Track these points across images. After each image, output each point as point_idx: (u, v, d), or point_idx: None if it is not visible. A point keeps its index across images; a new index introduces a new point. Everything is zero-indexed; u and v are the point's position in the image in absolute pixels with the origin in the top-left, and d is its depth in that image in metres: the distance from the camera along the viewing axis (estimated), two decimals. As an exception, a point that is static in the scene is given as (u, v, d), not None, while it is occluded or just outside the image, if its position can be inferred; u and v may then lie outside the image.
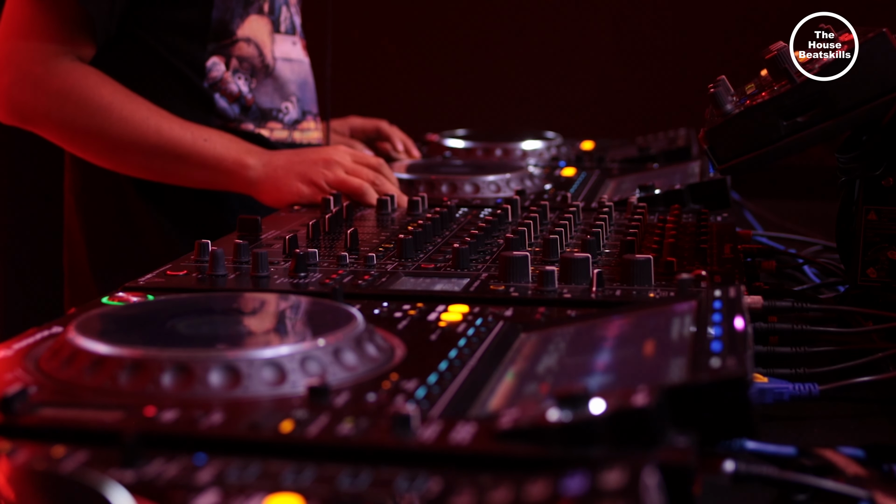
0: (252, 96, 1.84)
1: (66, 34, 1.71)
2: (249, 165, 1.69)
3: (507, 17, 3.48)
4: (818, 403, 1.05)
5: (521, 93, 3.46)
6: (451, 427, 0.69)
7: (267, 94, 1.87)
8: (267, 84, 1.86)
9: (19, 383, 0.80)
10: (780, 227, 1.97)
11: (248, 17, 1.83)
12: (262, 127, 1.86)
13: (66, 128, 1.73)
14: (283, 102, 1.89)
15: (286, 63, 1.90)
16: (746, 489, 0.78)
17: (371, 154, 2.04)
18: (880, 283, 1.27)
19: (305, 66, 1.98)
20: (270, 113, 1.87)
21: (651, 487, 0.58)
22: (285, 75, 1.89)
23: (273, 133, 1.88)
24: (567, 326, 0.95)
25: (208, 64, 1.80)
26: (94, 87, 1.70)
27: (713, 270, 1.18)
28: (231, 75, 1.81)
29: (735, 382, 0.71)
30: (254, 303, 1.00)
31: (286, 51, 1.90)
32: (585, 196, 1.77)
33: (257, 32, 1.84)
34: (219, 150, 1.70)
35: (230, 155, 1.70)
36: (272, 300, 1.00)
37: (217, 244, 1.26)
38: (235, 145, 1.72)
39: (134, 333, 0.93)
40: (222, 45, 1.81)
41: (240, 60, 1.82)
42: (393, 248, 1.31)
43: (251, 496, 0.61)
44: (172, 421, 0.73)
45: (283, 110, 1.89)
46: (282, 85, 1.89)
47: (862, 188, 1.28)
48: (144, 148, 1.70)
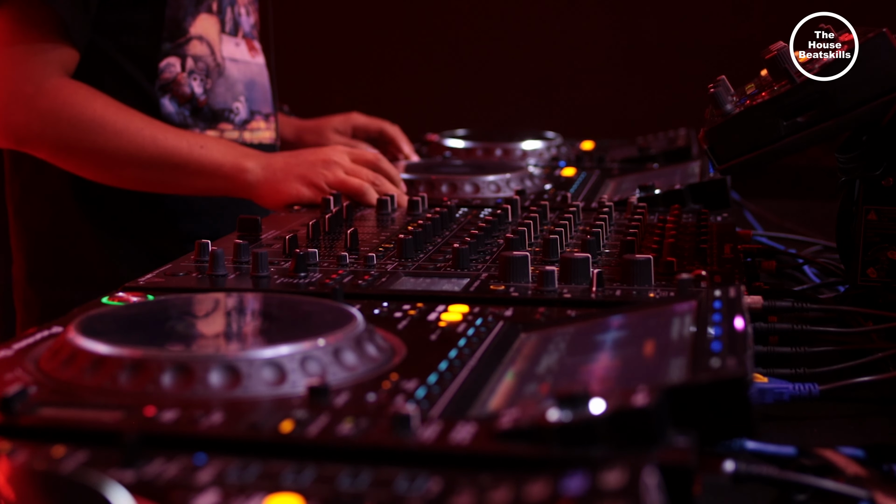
0: (206, 97, 1.83)
1: (48, 45, 1.69)
2: (248, 169, 1.68)
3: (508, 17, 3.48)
4: (818, 403, 1.05)
5: (521, 93, 3.46)
6: (451, 427, 0.69)
7: (220, 95, 1.86)
8: (219, 84, 1.86)
9: (19, 383, 0.80)
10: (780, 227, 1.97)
11: (199, 14, 1.82)
12: (213, 128, 1.85)
13: (61, 147, 1.71)
14: (233, 103, 1.88)
15: (233, 63, 1.89)
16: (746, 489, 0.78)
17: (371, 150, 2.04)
18: (880, 283, 1.27)
19: (253, 66, 1.95)
20: (222, 114, 1.86)
21: (651, 487, 0.58)
22: (234, 75, 1.88)
23: (224, 134, 1.87)
24: (567, 326, 0.95)
25: (162, 65, 1.79)
26: (86, 103, 1.68)
27: (713, 270, 1.18)
28: (186, 76, 1.80)
29: (735, 382, 0.71)
30: (253, 303, 1.00)
31: (231, 51, 1.89)
32: (585, 196, 1.77)
33: (208, 31, 1.84)
34: (216, 155, 1.69)
35: (228, 160, 1.69)
36: (272, 300, 1.00)
37: (217, 244, 1.26)
38: (232, 150, 1.72)
39: (134, 333, 0.93)
40: (177, 45, 1.79)
41: (195, 60, 1.81)
42: (393, 248, 1.31)
43: (251, 496, 0.61)
44: (172, 421, 0.73)
45: (233, 110, 1.88)
46: (232, 85, 1.88)
47: (862, 188, 1.28)
48: (141, 160, 1.69)
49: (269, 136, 1.98)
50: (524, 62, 3.47)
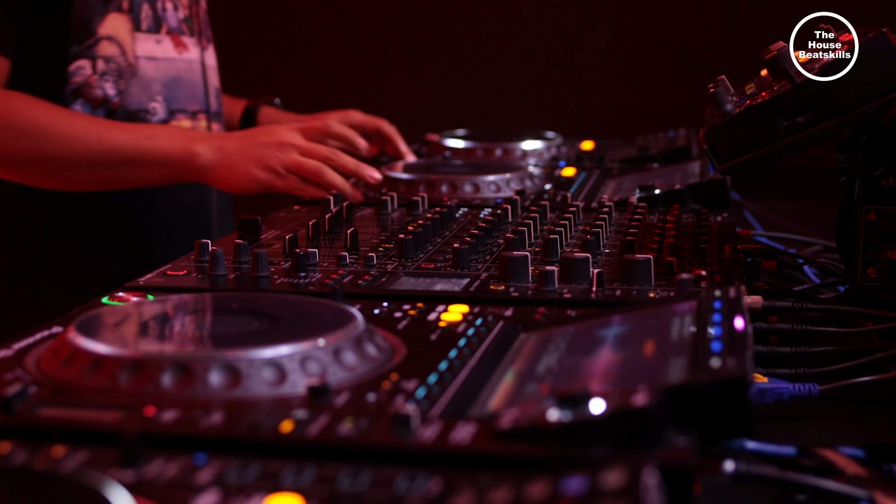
0: (119, 99, 1.79)
1: None
2: (198, 153, 1.66)
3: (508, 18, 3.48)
4: (818, 403, 1.05)
5: (521, 93, 3.47)
6: (451, 427, 0.69)
7: (134, 96, 1.81)
8: (133, 85, 1.81)
9: (19, 383, 0.80)
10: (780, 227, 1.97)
11: (107, 14, 1.77)
12: None
13: (8, 159, 1.68)
14: (149, 103, 1.83)
15: (150, 62, 1.83)
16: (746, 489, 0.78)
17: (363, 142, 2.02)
18: (880, 283, 1.27)
19: (179, 62, 1.89)
20: (137, 115, 1.82)
21: (651, 487, 0.58)
22: (149, 74, 1.83)
23: None
24: (567, 326, 0.95)
25: (71, 68, 1.75)
26: (25, 111, 1.66)
27: (713, 270, 1.18)
28: (98, 79, 1.76)
29: (735, 382, 0.71)
30: (254, 303, 1.00)
31: (148, 49, 1.83)
32: (585, 196, 1.77)
33: (118, 30, 1.79)
34: (165, 144, 1.67)
35: (177, 146, 1.66)
36: (272, 300, 1.00)
37: (217, 244, 1.26)
38: (181, 135, 1.69)
39: (134, 333, 0.93)
40: (86, 46, 1.75)
41: (106, 61, 1.77)
42: (393, 248, 1.31)
43: (251, 496, 0.61)
44: (172, 421, 0.73)
45: (150, 111, 1.83)
46: (147, 84, 1.83)
47: (862, 188, 1.28)
48: (90, 161, 1.67)
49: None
50: (524, 62, 3.47)
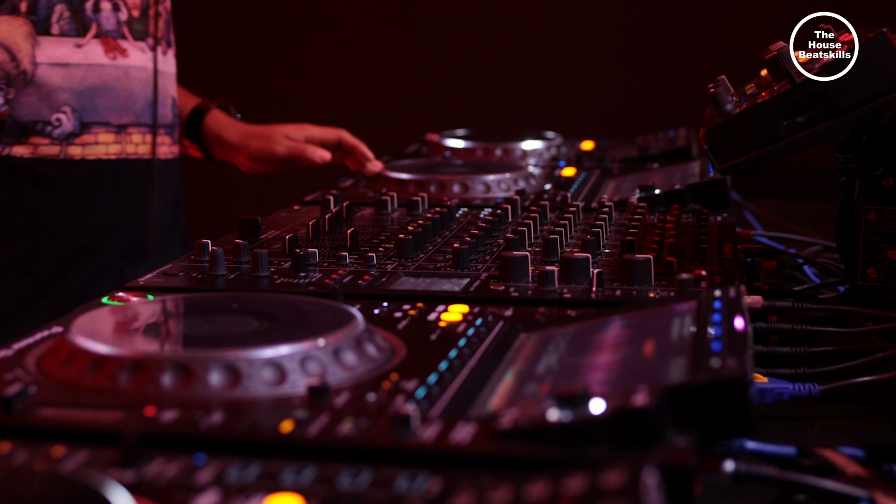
0: (8, 108, 1.67)
1: None
2: None
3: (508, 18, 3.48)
4: (818, 403, 1.05)
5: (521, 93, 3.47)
6: (451, 427, 0.69)
7: (30, 106, 1.68)
8: (28, 94, 1.68)
9: (19, 383, 0.80)
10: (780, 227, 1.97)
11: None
12: (23, 143, 1.69)
13: None
14: (52, 114, 1.70)
15: (57, 69, 1.69)
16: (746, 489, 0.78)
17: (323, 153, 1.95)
18: (880, 283, 1.27)
19: (109, 69, 1.76)
20: (35, 126, 1.69)
21: (651, 487, 0.58)
22: (53, 83, 1.69)
23: (38, 149, 1.70)
24: (567, 326, 0.95)
25: None
26: None
27: (713, 270, 1.18)
28: None
29: (735, 382, 0.71)
30: (253, 303, 1.00)
31: (60, 55, 1.70)
32: (585, 196, 1.77)
33: (8, 35, 1.65)
34: None
35: None
36: (272, 300, 1.00)
37: (217, 244, 1.26)
38: None
39: (134, 333, 0.93)
40: None
41: None
42: (393, 248, 1.31)
43: (251, 496, 0.61)
44: (172, 421, 0.73)
45: (52, 123, 1.69)
46: (49, 94, 1.69)
47: (862, 188, 1.28)
48: None
49: (117, 151, 1.78)
50: (524, 62, 3.47)
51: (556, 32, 3.43)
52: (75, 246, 1.74)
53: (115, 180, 1.78)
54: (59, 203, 1.73)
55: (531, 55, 3.46)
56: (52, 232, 1.73)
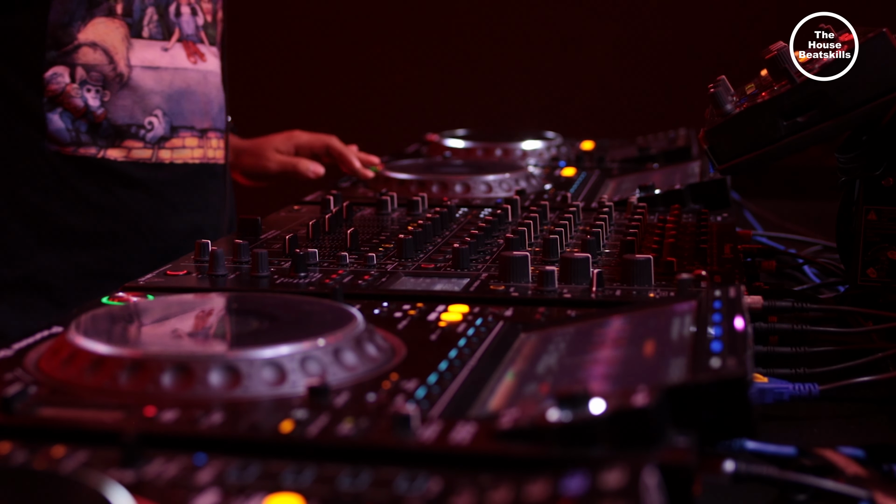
0: (104, 110, 1.66)
1: None
2: None
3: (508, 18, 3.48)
4: (818, 403, 1.05)
5: (521, 93, 3.47)
6: (451, 427, 0.69)
7: (124, 109, 1.68)
8: (124, 96, 1.68)
9: (19, 383, 0.80)
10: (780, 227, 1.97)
11: (92, 19, 1.65)
12: (117, 146, 1.69)
13: None
14: (145, 117, 1.70)
15: (149, 72, 1.70)
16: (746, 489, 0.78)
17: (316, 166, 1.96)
18: (880, 283, 1.27)
19: (191, 73, 1.76)
20: (129, 130, 1.69)
21: (651, 487, 0.58)
22: (147, 85, 1.70)
23: (132, 153, 1.70)
24: (567, 326, 0.95)
25: (47, 75, 1.63)
26: None
27: (713, 270, 1.18)
28: (77, 88, 1.64)
29: (735, 382, 0.71)
30: (253, 303, 1.00)
31: (151, 58, 1.70)
32: (585, 196, 1.77)
33: (105, 37, 1.65)
34: None
35: None
36: (272, 300, 1.00)
37: (217, 244, 1.26)
38: None
39: (134, 333, 0.93)
40: (64, 53, 1.63)
41: (86, 69, 1.65)
42: (393, 248, 1.31)
43: (251, 496, 0.61)
44: (172, 421, 0.73)
45: (145, 126, 1.70)
46: (142, 97, 1.69)
47: (862, 188, 1.28)
48: None
49: (200, 155, 1.79)
50: (524, 62, 3.47)
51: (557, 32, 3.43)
52: (161, 249, 1.73)
53: (197, 185, 1.79)
54: (149, 206, 1.73)
55: (531, 55, 3.46)
56: (141, 235, 1.73)
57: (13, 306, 1.66)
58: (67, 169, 1.66)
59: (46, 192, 1.66)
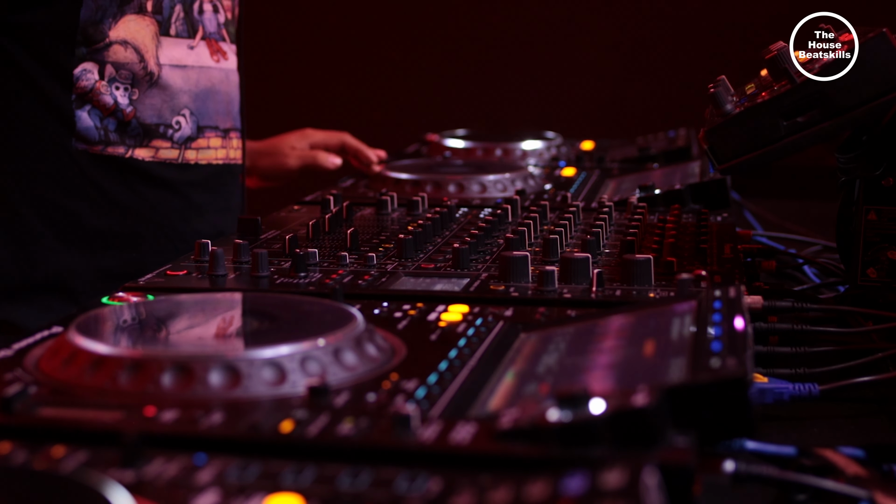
0: (133, 109, 1.64)
1: None
2: None
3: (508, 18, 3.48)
4: (818, 403, 1.05)
5: (521, 93, 3.47)
6: (451, 427, 0.69)
7: (153, 108, 1.66)
8: (153, 95, 1.66)
9: (19, 383, 0.80)
10: (780, 227, 1.97)
11: (123, 17, 1.62)
12: (145, 146, 1.66)
13: None
14: (173, 117, 1.68)
15: (177, 70, 1.68)
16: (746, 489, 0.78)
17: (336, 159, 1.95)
18: (880, 283, 1.27)
19: (215, 72, 1.75)
20: (157, 129, 1.67)
21: (651, 487, 0.58)
22: (175, 84, 1.68)
23: (159, 153, 1.68)
24: (567, 326, 0.95)
25: (76, 72, 1.61)
26: None
27: (713, 270, 1.18)
28: (106, 85, 1.62)
29: (735, 382, 0.71)
30: (253, 303, 1.00)
31: (178, 56, 1.69)
32: (585, 196, 1.77)
33: (136, 34, 1.63)
34: None
35: None
36: (272, 300, 1.00)
37: (217, 244, 1.26)
38: None
39: (134, 333, 0.93)
40: (94, 50, 1.61)
41: (116, 67, 1.62)
42: (393, 248, 1.31)
43: (251, 496, 0.61)
44: (172, 421, 0.73)
45: (173, 126, 1.68)
46: (172, 96, 1.68)
47: (862, 188, 1.28)
48: None
49: (223, 156, 1.78)
50: (524, 62, 3.47)
51: (557, 32, 3.43)
52: (184, 251, 1.65)
53: (220, 185, 1.78)
54: (174, 208, 1.71)
55: (531, 55, 3.46)
56: (166, 237, 1.71)
57: (36, 307, 1.64)
58: (94, 168, 1.64)
59: (72, 193, 1.64)
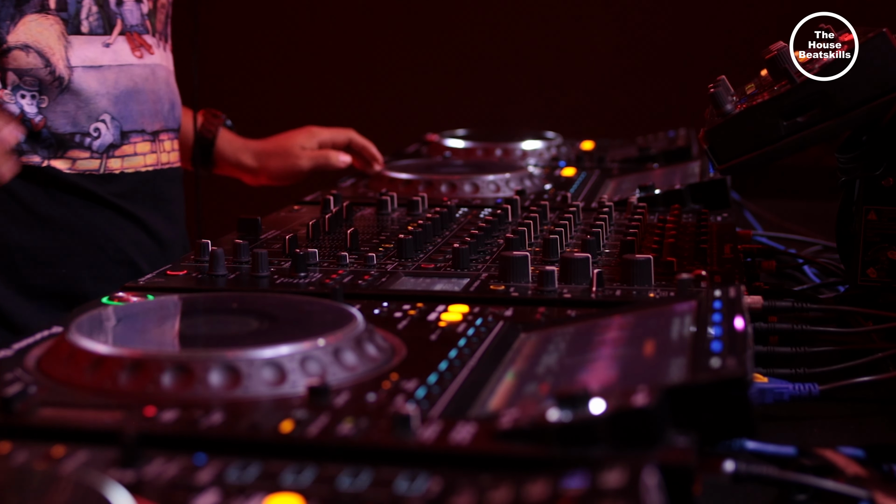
0: (42, 118, 1.50)
1: None
2: None
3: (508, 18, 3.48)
4: (818, 403, 1.05)
5: (521, 93, 3.47)
6: (451, 427, 0.69)
7: (66, 115, 1.52)
8: (65, 102, 1.52)
9: (19, 383, 0.80)
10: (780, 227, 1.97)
11: (22, 17, 1.48)
12: (61, 157, 1.53)
13: None
14: (91, 124, 1.54)
15: (91, 72, 1.54)
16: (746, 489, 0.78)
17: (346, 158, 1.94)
18: (880, 283, 1.27)
19: (137, 69, 1.61)
20: (72, 139, 1.53)
21: (651, 487, 0.58)
22: (90, 88, 1.54)
23: (77, 164, 1.55)
24: (567, 326, 0.95)
25: None
26: None
27: (713, 270, 1.18)
28: (10, 93, 1.48)
29: (735, 382, 0.71)
30: (254, 303, 1.00)
31: (92, 56, 1.54)
32: (585, 196, 1.77)
33: (39, 37, 1.49)
34: None
35: None
36: (272, 300, 1.00)
37: (217, 244, 1.26)
38: None
39: (134, 333, 0.93)
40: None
41: (18, 74, 1.49)
42: (393, 248, 1.31)
43: (251, 496, 0.61)
44: (172, 421, 0.73)
45: (91, 134, 1.54)
46: (87, 101, 1.54)
47: (862, 188, 1.28)
48: None
49: (153, 161, 1.66)
50: (524, 62, 3.47)
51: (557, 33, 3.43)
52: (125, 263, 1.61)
53: (155, 193, 1.66)
54: (106, 219, 1.59)
55: (531, 55, 3.46)
56: (101, 250, 1.59)
57: None
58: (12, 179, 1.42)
59: None
